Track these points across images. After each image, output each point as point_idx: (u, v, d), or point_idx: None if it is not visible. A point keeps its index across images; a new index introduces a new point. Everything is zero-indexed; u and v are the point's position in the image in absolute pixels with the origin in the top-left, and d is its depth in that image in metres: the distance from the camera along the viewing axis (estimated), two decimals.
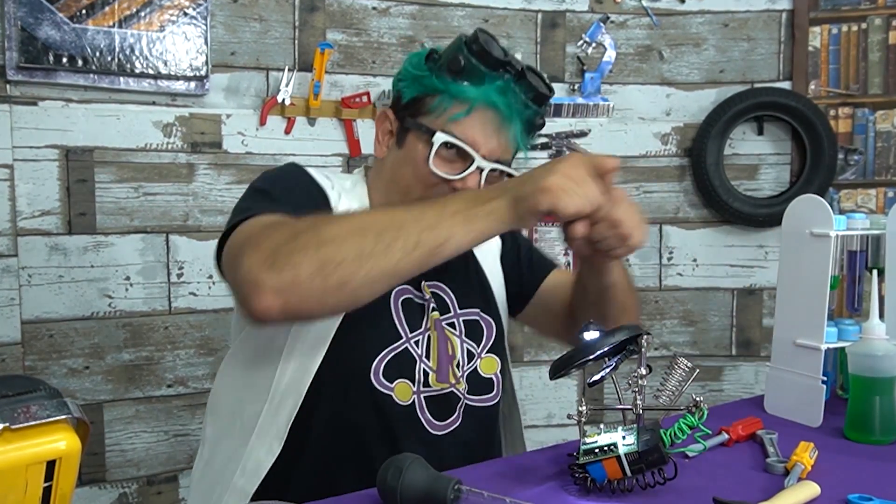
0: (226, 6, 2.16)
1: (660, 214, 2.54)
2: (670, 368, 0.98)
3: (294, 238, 0.96)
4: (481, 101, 1.16)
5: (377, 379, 1.15)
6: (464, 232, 0.98)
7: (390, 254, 0.95)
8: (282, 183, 1.17)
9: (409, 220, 0.97)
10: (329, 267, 0.94)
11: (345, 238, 0.95)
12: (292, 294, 0.94)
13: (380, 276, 0.96)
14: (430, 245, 0.96)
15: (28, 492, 0.60)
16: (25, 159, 1.96)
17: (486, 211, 0.98)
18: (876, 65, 2.45)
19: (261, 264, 0.95)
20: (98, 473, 2.06)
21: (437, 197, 1.09)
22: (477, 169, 1.16)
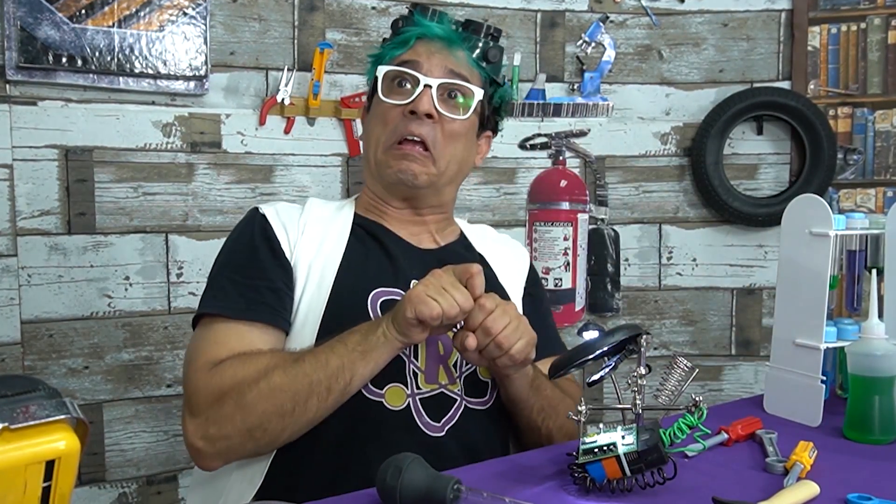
0: (225, 6, 2.16)
1: (659, 214, 2.54)
2: (670, 368, 0.98)
3: (221, 402, 1.07)
4: (418, 33, 1.26)
5: (365, 387, 1.13)
6: (364, 366, 1.08)
7: (308, 409, 1.07)
8: (240, 257, 1.22)
9: (316, 372, 1.06)
10: (256, 433, 1.07)
11: (265, 405, 1.06)
12: (229, 456, 1.10)
13: (304, 426, 1.09)
14: (340, 388, 1.08)
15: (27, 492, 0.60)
16: (25, 159, 1.96)
17: (377, 338, 1.08)
18: (875, 64, 2.45)
19: (197, 434, 1.09)
20: (98, 473, 2.06)
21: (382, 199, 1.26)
22: (425, 87, 1.23)
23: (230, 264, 1.22)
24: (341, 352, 1.07)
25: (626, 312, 2.53)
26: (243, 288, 1.17)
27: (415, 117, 1.23)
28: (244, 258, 1.21)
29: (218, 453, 1.09)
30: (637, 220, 2.54)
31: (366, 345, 1.08)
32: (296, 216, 1.26)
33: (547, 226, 2.44)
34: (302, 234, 1.23)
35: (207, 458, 1.09)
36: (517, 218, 2.46)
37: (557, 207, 2.44)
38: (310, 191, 2.24)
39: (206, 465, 1.11)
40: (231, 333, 1.13)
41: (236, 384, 1.07)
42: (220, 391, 1.08)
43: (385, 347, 1.08)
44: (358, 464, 1.12)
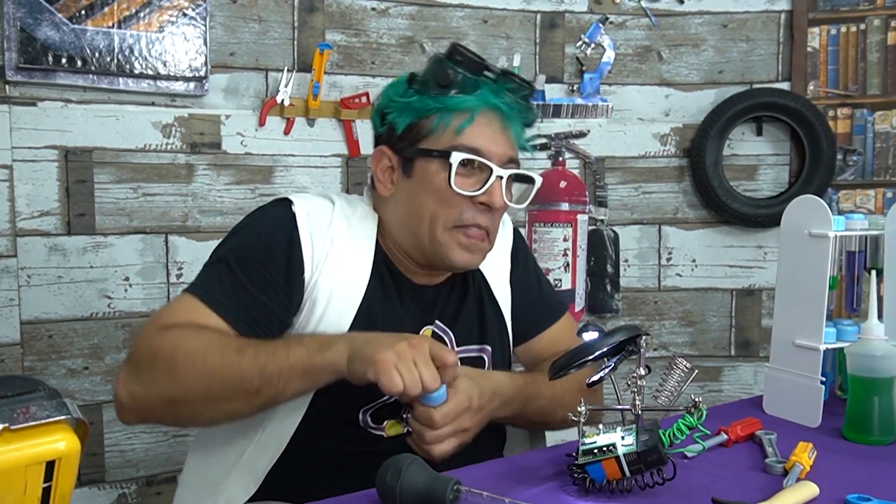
0: (225, 7, 2.16)
1: (659, 215, 2.54)
2: (669, 369, 0.98)
3: (152, 363, 1.06)
4: (481, 105, 1.16)
5: (365, 422, 1.16)
6: (299, 384, 1.06)
7: (232, 402, 1.05)
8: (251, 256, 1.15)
9: (252, 371, 1.03)
10: (178, 406, 1.07)
11: (193, 381, 1.04)
12: (147, 417, 1.13)
13: (226, 416, 1.09)
14: (269, 395, 1.05)
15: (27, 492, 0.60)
16: (25, 160, 1.96)
17: (322, 364, 1.04)
18: (875, 65, 2.46)
19: (124, 386, 1.08)
20: (97, 474, 2.06)
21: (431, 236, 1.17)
22: (497, 178, 1.16)
23: (241, 257, 1.15)
24: (282, 361, 1.04)
25: (625, 313, 2.54)
26: (240, 290, 1.12)
27: (485, 208, 1.17)
28: (257, 260, 1.14)
29: (137, 411, 1.09)
30: (636, 220, 2.54)
31: (309, 365, 1.04)
32: (325, 224, 1.18)
33: (546, 227, 2.44)
34: (328, 252, 1.16)
35: (127, 411, 1.09)
36: (517, 219, 2.46)
37: (557, 208, 2.44)
38: (309, 191, 2.24)
39: (124, 418, 1.10)
40: (201, 313, 1.10)
41: (174, 350, 1.05)
42: (158, 351, 1.06)
43: (328, 376, 1.05)
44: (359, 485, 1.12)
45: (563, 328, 1.40)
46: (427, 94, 1.16)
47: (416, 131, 1.18)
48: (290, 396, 1.08)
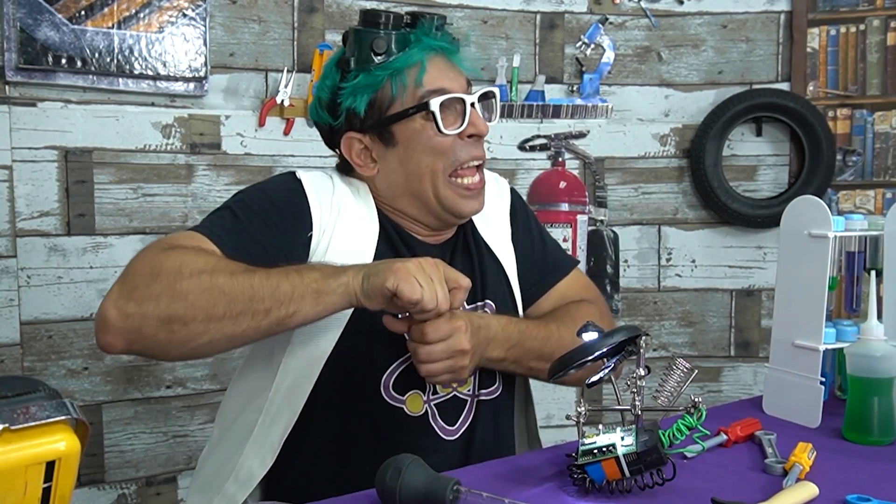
0: (225, 7, 2.16)
1: (658, 215, 2.54)
2: (669, 369, 0.98)
3: (152, 279, 0.99)
4: (425, 52, 1.18)
5: (388, 393, 1.15)
6: (311, 307, 1.01)
7: (238, 322, 0.99)
8: (255, 202, 1.16)
9: (263, 290, 1.00)
10: (176, 324, 0.98)
11: (197, 297, 0.98)
12: (135, 341, 1.00)
13: (225, 340, 1.01)
14: (278, 317, 1.00)
15: (27, 492, 0.60)
16: (24, 160, 1.96)
17: (336, 285, 1.01)
18: (874, 66, 2.46)
19: (114, 302, 0.99)
20: (97, 474, 2.06)
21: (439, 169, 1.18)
22: (471, 106, 1.19)
23: (244, 205, 1.15)
24: (295, 281, 1.01)
25: (625, 313, 2.54)
26: (242, 231, 1.11)
27: (473, 140, 1.20)
28: (260, 207, 1.14)
29: (126, 331, 0.98)
30: (636, 221, 2.54)
31: (323, 286, 1.01)
32: (329, 192, 1.20)
33: (546, 227, 2.44)
34: (338, 216, 1.18)
35: (113, 333, 0.99)
36: None
37: (557, 209, 2.44)
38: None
39: (108, 340, 1.00)
40: (204, 243, 1.07)
41: (178, 266, 1.00)
42: (160, 267, 1.00)
43: (340, 298, 1.02)
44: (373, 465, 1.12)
45: (573, 282, 1.39)
46: (370, 67, 1.17)
47: (379, 104, 1.19)
48: (298, 321, 1.03)
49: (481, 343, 1.12)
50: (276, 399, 1.13)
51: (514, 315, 1.29)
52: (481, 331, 1.13)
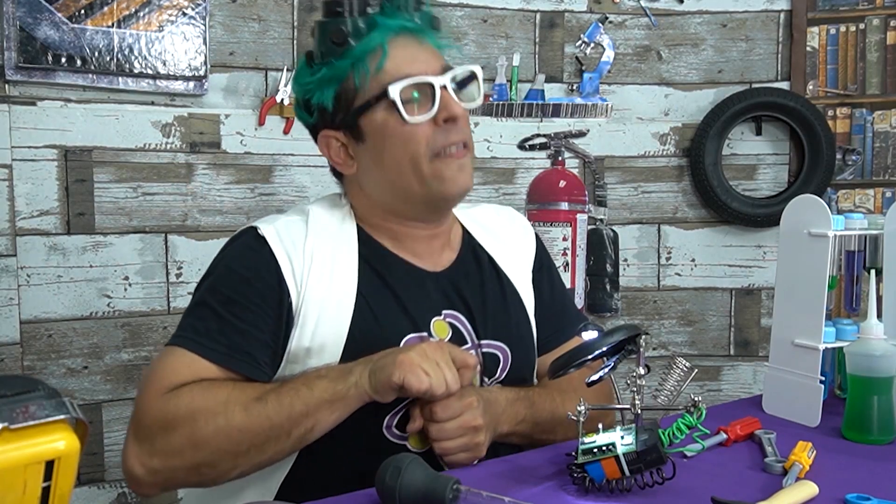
0: (224, 6, 2.16)
1: (658, 214, 2.54)
2: (669, 368, 0.99)
3: (172, 432, 1.00)
4: (386, 34, 1.11)
5: (390, 431, 1.11)
6: (327, 416, 1.02)
7: (264, 451, 1.01)
8: (229, 291, 1.11)
9: (278, 417, 1.00)
10: (204, 469, 1.01)
11: (220, 442, 0.99)
12: (170, 486, 1.05)
13: (255, 468, 1.04)
14: (299, 435, 1.02)
15: (27, 492, 0.60)
16: (24, 159, 1.96)
17: (346, 389, 1.01)
18: (874, 65, 2.46)
19: (139, 461, 1.01)
20: (97, 473, 2.06)
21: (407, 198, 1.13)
22: (441, 88, 1.11)
23: (219, 294, 1.10)
24: (306, 397, 1.01)
25: (624, 313, 2.54)
26: (228, 328, 1.07)
27: (450, 124, 1.12)
28: (236, 293, 1.09)
29: (157, 484, 1.03)
30: (636, 220, 2.54)
31: (334, 393, 1.01)
32: (300, 240, 1.13)
33: (546, 226, 2.44)
34: (310, 265, 1.11)
35: (146, 486, 1.02)
36: None
37: (556, 208, 2.44)
38: (309, 191, 2.24)
39: (142, 492, 1.03)
40: (199, 368, 1.05)
41: (191, 414, 0.99)
42: (173, 419, 1.00)
43: (353, 399, 1.02)
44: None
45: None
46: (333, 59, 1.12)
47: (345, 97, 1.13)
48: (319, 432, 1.03)
49: (493, 418, 1.10)
50: None
51: (532, 371, 1.26)
52: (492, 406, 1.10)
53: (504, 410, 1.13)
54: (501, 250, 1.29)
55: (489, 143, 2.41)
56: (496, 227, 1.33)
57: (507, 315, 1.24)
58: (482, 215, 1.34)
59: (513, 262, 1.29)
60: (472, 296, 1.21)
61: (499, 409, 1.12)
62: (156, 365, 1.09)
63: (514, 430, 1.14)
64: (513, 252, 1.30)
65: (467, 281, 1.23)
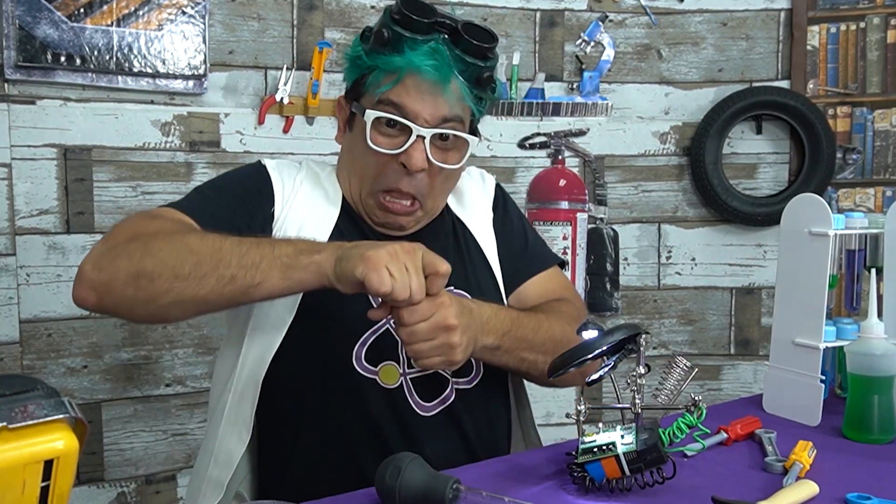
0: (224, 5, 2.15)
1: (658, 213, 2.54)
2: (669, 367, 0.98)
3: (130, 240, 1.03)
4: (408, 68, 1.13)
5: (360, 363, 1.13)
6: (279, 279, 0.99)
7: (203, 283, 0.99)
8: (222, 181, 1.24)
9: (231, 255, 0.99)
10: (142, 280, 0.99)
11: (167, 255, 0.99)
12: (105, 295, 1.01)
13: (188, 301, 1.00)
14: (243, 284, 0.99)
15: (26, 491, 0.60)
16: (23, 158, 1.96)
17: (308, 262, 0.99)
18: (874, 64, 2.45)
19: (92, 258, 1.03)
20: (96, 473, 2.06)
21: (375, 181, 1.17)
22: (418, 138, 1.14)
23: (209, 183, 1.24)
24: (265, 252, 1.00)
25: (625, 312, 2.54)
26: (208, 201, 1.17)
27: (405, 171, 1.15)
28: (225, 183, 1.22)
29: (97, 284, 1.01)
30: (636, 219, 2.54)
31: (293, 260, 0.99)
32: (293, 174, 1.25)
33: (546, 225, 2.44)
34: (297, 192, 1.21)
35: (85, 285, 1.01)
36: None
37: (556, 207, 2.44)
38: None
39: (80, 293, 1.02)
40: (182, 216, 1.12)
41: (156, 230, 1.04)
42: (140, 231, 1.05)
43: (311, 277, 0.99)
44: (346, 439, 1.12)
45: (553, 278, 1.35)
46: (368, 50, 1.17)
47: (358, 87, 1.21)
48: (264, 293, 1.01)
49: (474, 325, 1.07)
50: (242, 374, 1.13)
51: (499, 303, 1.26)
52: (473, 314, 1.08)
53: (489, 319, 1.11)
54: (462, 206, 1.34)
55: (489, 143, 2.41)
56: (465, 187, 1.37)
57: (465, 263, 1.27)
58: None
59: (472, 213, 1.33)
60: (441, 248, 1.20)
61: (482, 317, 1.10)
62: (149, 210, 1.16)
63: (500, 342, 1.13)
64: (472, 204, 1.34)
65: (434, 238, 1.24)
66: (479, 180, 1.39)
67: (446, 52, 1.13)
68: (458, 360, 1.04)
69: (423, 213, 1.22)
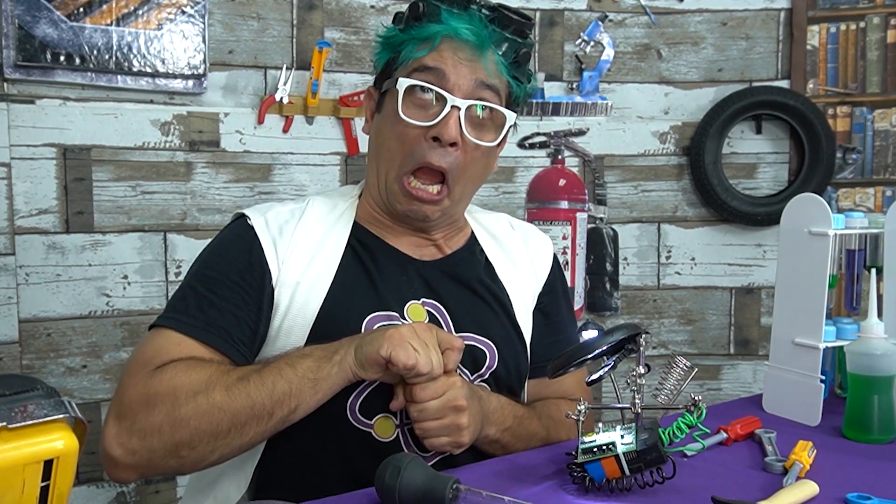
0: (224, 4, 2.15)
1: (658, 213, 2.54)
2: (669, 367, 0.98)
3: (148, 409, 0.98)
4: (445, 32, 1.10)
5: (354, 416, 1.09)
6: (310, 396, 1.00)
7: (245, 433, 0.99)
8: (212, 269, 1.12)
9: (261, 396, 0.98)
10: (183, 451, 0.97)
11: (199, 423, 0.97)
12: (148, 470, 1.00)
13: (236, 451, 1.01)
14: (282, 416, 1.00)
15: (25, 491, 0.60)
16: (23, 158, 1.96)
17: (330, 368, 1.00)
18: (874, 63, 2.45)
19: (118, 441, 0.97)
20: (96, 472, 2.06)
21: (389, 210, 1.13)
22: (453, 108, 1.09)
23: (202, 275, 1.12)
24: (290, 377, 0.99)
25: (624, 311, 2.53)
26: (206, 304, 1.07)
27: (437, 144, 1.10)
28: (217, 272, 1.11)
29: (135, 466, 0.98)
30: (636, 219, 2.54)
31: (318, 373, 1.00)
32: (290, 227, 1.15)
33: (546, 225, 2.44)
34: (293, 250, 1.12)
35: (122, 469, 0.98)
36: (516, 217, 2.45)
37: (556, 206, 2.44)
38: (308, 189, 2.24)
39: (119, 476, 0.99)
40: (180, 345, 1.04)
41: (172, 392, 0.98)
42: (154, 396, 0.98)
43: (338, 378, 1.01)
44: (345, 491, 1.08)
45: (578, 379, 1.25)
46: (403, 28, 1.14)
47: (390, 66, 1.16)
48: (302, 413, 1.01)
49: (481, 413, 1.07)
50: None
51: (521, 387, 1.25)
52: (482, 401, 1.08)
53: (495, 411, 1.11)
54: (504, 262, 1.27)
55: None
56: (506, 238, 1.31)
57: (492, 316, 1.22)
58: (495, 224, 1.32)
59: (513, 276, 1.26)
60: (456, 290, 1.20)
61: (490, 407, 1.10)
62: (139, 346, 1.08)
63: (500, 437, 1.13)
64: (517, 268, 1.27)
65: (455, 272, 1.21)
66: (535, 244, 1.32)
67: (484, 22, 1.11)
68: (465, 443, 1.05)
69: (450, 201, 1.16)
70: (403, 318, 1.13)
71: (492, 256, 1.27)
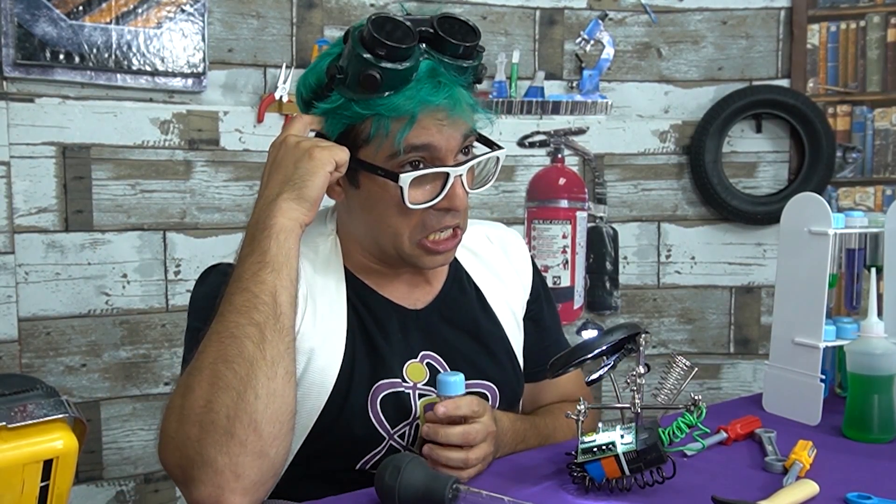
0: (223, 3, 2.15)
1: (658, 212, 2.54)
2: (668, 367, 0.98)
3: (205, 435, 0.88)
4: (420, 106, 1.01)
5: (363, 469, 1.09)
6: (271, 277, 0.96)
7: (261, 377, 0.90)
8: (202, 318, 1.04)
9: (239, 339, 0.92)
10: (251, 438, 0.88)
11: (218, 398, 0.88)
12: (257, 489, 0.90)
13: (279, 400, 0.91)
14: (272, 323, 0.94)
15: (25, 491, 0.60)
16: (22, 156, 1.96)
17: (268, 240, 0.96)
18: (874, 62, 2.45)
19: (214, 495, 0.87)
20: (95, 471, 2.06)
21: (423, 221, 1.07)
22: (455, 177, 1.05)
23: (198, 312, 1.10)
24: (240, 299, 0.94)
25: (624, 311, 2.53)
26: None
27: (446, 211, 1.07)
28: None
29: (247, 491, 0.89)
30: (636, 218, 2.54)
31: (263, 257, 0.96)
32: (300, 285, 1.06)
33: (545, 224, 2.44)
34: (303, 309, 1.07)
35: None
36: (516, 216, 2.46)
37: (556, 205, 2.44)
38: None
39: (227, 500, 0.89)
40: None
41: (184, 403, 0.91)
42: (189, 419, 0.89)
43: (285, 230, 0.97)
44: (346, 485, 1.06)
45: (573, 378, 1.30)
46: (354, 97, 1.01)
47: (353, 137, 1.05)
48: (288, 298, 0.95)
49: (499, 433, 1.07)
50: None
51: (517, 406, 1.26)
52: (499, 423, 1.08)
53: (505, 432, 1.11)
54: (491, 283, 1.25)
55: None
56: (487, 254, 1.28)
57: (491, 359, 1.20)
58: (473, 241, 1.28)
59: (502, 294, 1.25)
60: (453, 336, 1.18)
61: (501, 427, 1.09)
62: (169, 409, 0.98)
63: (515, 449, 1.14)
64: (505, 283, 1.26)
65: (451, 315, 1.20)
66: (514, 255, 1.30)
67: (440, 68, 1.02)
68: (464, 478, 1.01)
69: (462, 235, 1.14)
70: (404, 381, 1.11)
71: (479, 281, 1.25)
